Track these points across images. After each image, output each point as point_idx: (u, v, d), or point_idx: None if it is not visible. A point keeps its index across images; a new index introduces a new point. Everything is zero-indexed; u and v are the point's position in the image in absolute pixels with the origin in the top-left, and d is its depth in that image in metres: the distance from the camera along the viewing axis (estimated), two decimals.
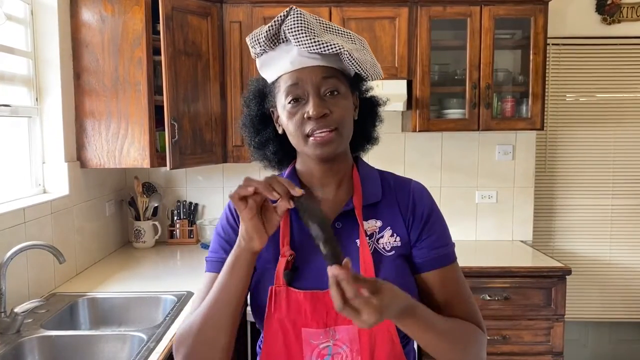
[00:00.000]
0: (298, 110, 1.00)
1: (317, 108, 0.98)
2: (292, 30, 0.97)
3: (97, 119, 2.40)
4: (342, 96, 1.02)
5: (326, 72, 1.00)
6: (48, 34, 2.24)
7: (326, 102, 1.00)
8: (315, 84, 0.99)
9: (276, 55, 1.02)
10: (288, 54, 1.00)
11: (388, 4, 2.60)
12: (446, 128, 2.72)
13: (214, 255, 1.07)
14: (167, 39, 2.32)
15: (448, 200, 3.01)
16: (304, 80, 1.00)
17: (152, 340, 1.60)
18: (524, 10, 2.63)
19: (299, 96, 1.00)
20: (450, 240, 1.09)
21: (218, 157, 2.65)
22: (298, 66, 1.00)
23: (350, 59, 0.99)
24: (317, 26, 1.00)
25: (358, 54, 1.01)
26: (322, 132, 0.99)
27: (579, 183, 3.13)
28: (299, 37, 0.96)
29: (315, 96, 0.99)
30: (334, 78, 1.01)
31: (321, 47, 0.96)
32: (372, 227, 1.05)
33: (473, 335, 1.03)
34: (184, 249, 2.89)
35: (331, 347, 0.99)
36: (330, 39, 0.99)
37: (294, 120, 1.01)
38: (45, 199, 2.12)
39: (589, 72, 3.08)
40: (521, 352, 2.52)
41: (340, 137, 1.01)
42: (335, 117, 1.00)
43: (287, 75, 1.01)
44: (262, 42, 1.01)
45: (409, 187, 1.10)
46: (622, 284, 3.17)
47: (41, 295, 2.02)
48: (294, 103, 1.01)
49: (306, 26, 0.97)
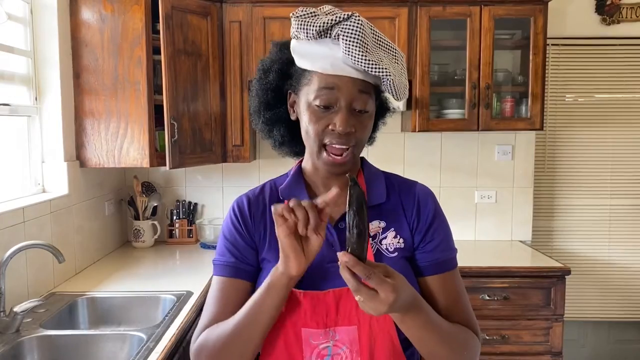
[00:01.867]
0: (324, 117, 0.98)
1: (345, 125, 0.96)
2: (347, 37, 0.93)
3: (97, 119, 2.40)
4: (369, 115, 1.01)
5: (363, 87, 0.97)
6: (47, 33, 2.24)
7: (354, 118, 0.98)
8: (350, 96, 0.97)
9: (318, 48, 0.97)
10: (331, 52, 0.96)
11: (388, 4, 2.60)
12: (446, 128, 2.72)
13: (221, 259, 1.07)
14: (167, 38, 2.32)
15: (447, 200, 3.01)
16: (340, 88, 0.96)
17: (151, 340, 1.60)
18: (524, 10, 2.63)
19: (330, 103, 0.97)
20: (454, 246, 1.09)
21: (217, 156, 2.65)
22: (338, 72, 0.96)
23: (391, 87, 0.97)
24: (370, 39, 0.96)
25: (399, 79, 0.98)
26: (340, 148, 0.98)
27: (578, 183, 3.14)
28: (351, 48, 0.93)
29: (347, 110, 0.97)
30: (368, 95, 0.99)
31: (370, 66, 0.93)
32: (375, 228, 1.04)
33: (471, 342, 1.03)
34: (184, 249, 2.88)
35: (331, 348, 0.99)
36: (380, 58, 0.95)
37: (317, 126, 0.98)
38: (45, 198, 2.12)
39: (589, 73, 3.08)
40: (520, 352, 2.52)
41: (354, 156, 1.02)
42: (358, 135, 0.99)
43: (324, 75, 0.97)
44: (313, 32, 0.95)
45: (414, 190, 1.09)
46: (621, 284, 3.17)
47: (40, 295, 2.02)
48: (323, 108, 0.98)
49: (362, 39, 0.93)
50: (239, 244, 1.06)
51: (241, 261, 1.06)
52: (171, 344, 1.60)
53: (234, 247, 1.06)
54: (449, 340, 0.97)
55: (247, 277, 1.05)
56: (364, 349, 0.98)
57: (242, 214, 1.08)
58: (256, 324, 0.96)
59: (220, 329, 1.00)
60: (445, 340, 0.97)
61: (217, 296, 1.05)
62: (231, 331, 0.98)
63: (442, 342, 0.96)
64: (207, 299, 1.07)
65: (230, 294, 1.04)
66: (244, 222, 1.07)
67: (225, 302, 1.04)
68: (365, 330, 0.98)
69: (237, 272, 1.05)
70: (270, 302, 0.95)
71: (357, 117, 0.98)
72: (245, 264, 1.06)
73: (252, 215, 1.08)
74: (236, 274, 1.05)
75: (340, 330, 0.98)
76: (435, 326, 0.95)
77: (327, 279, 1.00)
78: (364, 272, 0.81)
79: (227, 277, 1.05)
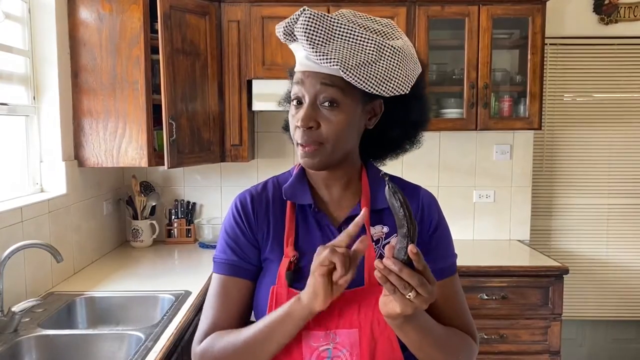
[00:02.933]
0: (297, 112, 0.99)
1: (303, 119, 0.96)
2: (299, 32, 0.94)
3: (95, 118, 2.40)
4: (340, 109, 0.96)
5: (327, 80, 0.95)
6: (46, 33, 2.24)
7: (319, 112, 0.96)
8: (314, 90, 0.96)
9: (296, 47, 1.00)
10: (301, 52, 0.98)
11: (386, 4, 2.61)
12: (444, 127, 2.72)
13: (222, 256, 1.06)
14: (165, 37, 2.31)
15: (446, 200, 3.01)
16: (304, 83, 0.97)
17: (149, 340, 1.60)
18: (522, 10, 2.63)
19: (300, 98, 0.98)
20: (454, 252, 1.10)
21: (216, 156, 2.65)
22: (304, 68, 0.98)
23: (349, 76, 0.92)
24: (326, 32, 0.94)
25: (364, 69, 0.93)
26: (307, 145, 0.97)
27: (576, 182, 3.14)
28: (303, 43, 0.94)
29: (309, 105, 0.96)
30: (334, 88, 0.95)
31: (319, 57, 0.93)
32: (378, 233, 1.04)
33: (466, 345, 1.04)
34: (182, 248, 2.88)
35: (331, 350, 0.98)
36: (334, 49, 0.93)
37: (292, 123, 1.00)
38: (43, 197, 2.12)
39: (587, 72, 3.09)
40: (518, 351, 2.53)
41: (325, 153, 0.98)
42: (323, 131, 0.96)
43: (296, 73, 1.00)
44: (282, 36, 0.99)
45: (418, 196, 1.09)
46: (619, 283, 3.18)
47: (39, 295, 2.02)
48: (297, 104, 0.99)
49: (311, 32, 0.93)
50: (241, 241, 1.05)
51: (243, 259, 1.04)
52: (169, 343, 1.60)
53: (235, 244, 1.05)
54: (443, 344, 0.98)
55: (249, 276, 1.04)
56: (364, 352, 0.97)
57: (245, 210, 1.07)
58: (266, 347, 0.95)
59: (228, 340, 0.99)
60: (439, 344, 0.97)
61: (218, 295, 1.04)
62: (239, 347, 0.97)
63: (437, 346, 0.97)
64: (207, 297, 1.06)
65: (231, 293, 1.03)
66: (246, 219, 1.06)
67: (227, 301, 1.03)
68: (366, 333, 0.97)
69: (238, 271, 1.04)
70: (285, 330, 0.94)
71: (325, 110, 0.96)
72: (247, 263, 1.04)
73: (255, 213, 1.06)
74: (237, 273, 1.04)
75: (341, 332, 0.97)
76: (430, 330, 0.96)
77: None
78: (423, 265, 0.84)
79: (228, 275, 1.04)
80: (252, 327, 0.97)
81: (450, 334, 1.01)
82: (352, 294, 0.98)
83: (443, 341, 0.98)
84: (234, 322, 1.03)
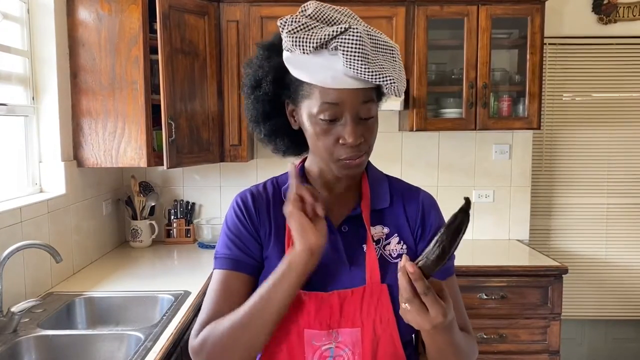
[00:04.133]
0: (331, 130, 0.96)
1: (355, 136, 0.95)
2: (347, 51, 0.90)
3: (94, 118, 2.40)
4: (375, 119, 1.00)
5: (366, 97, 0.96)
6: (45, 33, 2.23)
7: (362, 127, 0.97)
8: (355, 109, 0.95)
9: (315, 60, 0.94)
10: (330, 64, 0.93)
11: (385, 3, 2.61)
12: (443, 127, 2.72)
13: (224, 252, 1.05)
14: (164, 37, 2.31)
15: (445, 200, 2.98)
16: (344, 102, 0.94)
17: (149, 340, 1.60)
18: (521, 9, 2.64)
19: (336, 117, 0.95)
20: (453, 254, 1.10)
21: (215, 156, 2.65)
22: (340, 85, 0.93)
23: (395, 91, 0.94)
24: (369, 46, 0.92)
25: (399, 80, 0.96)
26: (356, 159, 0.98)
27: (575, 182, 3.14)
28: (354, 62, 0.90)
29: (353, 122, 0.95)
30: (372, 102, 0.97)
31: (374, 77, 0.91)
32: (379, 233, 1.04)
33: (474, 348, 1.06)
34: (181, 249, 2.88)
35: (333, 349, 0.98)
36: (381, 66, 0.93)
37: (326, 140, 0.97)
38: (42, 198, 2.12)
39: (586, 72, 3.09)
40: (518, 350, 2.53)
41: (366, 160, 1.02)
42: (368, 142, 0.99)
43: (326, 90, 0.94)
44: (308, 49, 0.92)
45: (418, 198, 1.09)
46: (618, 282, 3.18)
47: (38, 295, 2.02)
48: (329, 122, 0.96)
49: (362, 51, 0.90)
50: (243, 236, 1.04)
51: (245, 254, 1.03)
52: (169, 343, 1.60)
53: (238, 239, 1.04)
54: (462, 350, 0.99)
55: (251, 270, 1.03)
56: (366, 351, 0.97)
57: (247, 206, 1.06)
58: (269, 311, 0.93)
59: (227, 320, 0.96)
60: (459, 350, 0.98)
61: (218, 289, 1.02)
62: (239, 321, 0.94)
63: (457, 352, 0.98)
64: (207, 293, 1.04)
65: (232, 287, 1.01)
66: (248, 215, 1.05)
67: (228, 295, 1.01)
68: (368, 332, 0.98)
69: (240, 265, 1.02)
70: (287, 285, 0.92)
71: (364, 124, 0.97)
72: (249, 257, 1.03)
73: (256, 209, 1.06)
74: (239, 267, 1.02)
75: (344, 332, 0.98)
76: (457, 341, 0.96)
77: (331, 280, 1.00)
78: (423, 289, 0.83)
79: (230, 270, 1.02)
80: (251, 298, 0.96)
81: (466, 340, 1.02)
82: (354, 293, 0.98)
83: (462, 347, 0.99)
84: None
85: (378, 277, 0.99)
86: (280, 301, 0.93)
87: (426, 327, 0.84)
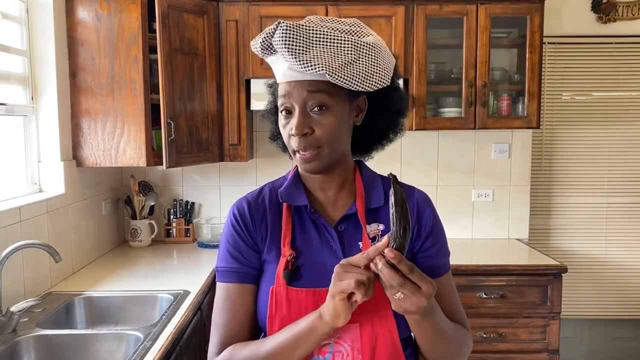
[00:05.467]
0: (288, 122, 1.01)
1: (298, 127, 0.98)
2: (278, 45, 0.96)
3: (93, 118, 2.39)
4: (330, 111, 0.99)
5: (313, 86, 0.98)
6: (44, 32, 2.23)
7: (311, 118, 0.99)
8: (301, 99, 0.98)
9: (275, 60, 1.02)
10: (282, 63, 1.00)
11: (384, 3, 2.61)
12: (443, 126, 2.72)
13: (225, 265, 1.08)
14: (164, 37, 2.31)
15: (444, 199, 3.02)
16: (291, 93, 0.99)
17: (148, 339, 1.60)
18: (520, 9, 2.64)
19: (288, 109, 1.01)
20: (448, 249, 1.13)
21: (214, 155, 2.65)
22: (288, 79, 1.00)
23: (334, 77, 0.95)
24: (304, 40, 0.96)
25: (347, 68, 0.96)
26: (305, 151, 0.99)
27: (575, 181, 3.14)
28: (284, 54, 0.96)
29: (300, 113, 0.98)
30: (321, 93, 0.98)
31: (303, 65, 0.95)
32: (374, 231, 1.06)
33: (469, 341, 1.09)
34: (181, 248, 2.88)
35: (332, 345, 0.99)
36: (316, 55, 0.95)
37: (285, 133, 1.03)
38: (41, 197, 2.12)
39: (585, 71, 3.09)
40: (517, 349, 2.53)
41: (323, 155, 1.01)
42: (318, 135, 0.99)
43: (280, 85, 1.02)
44: (259, 51, 1.01)
45: (413, 196, 1.11)
46: (618, 281, 3.18)
47: (37, 294, 2.02)
48: (286, 114, 1.01)
49: (290, 43, 0.95)
50: (242, 248, 1.07)
51: (245, 265, 1.06)
52: (168, 343, 1.60)
53: (237, 251, 1.07)
54: (452, 339, 1.02)
55: (252, 280, 1.06)
56: (365, 347, 0.98)
57: (243, 217, 1.09)
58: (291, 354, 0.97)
59: (248, 352, 0.99)
60: (449, 339, 1.01)
61: (225, 303, 1.05)
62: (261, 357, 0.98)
63: (448, 342, 1.01)
64: (214, 307, 1.07)
65: (237, 300, 1.05)
66: (244, 225, 1.08)
67: (234, 308, 1.04)
68: (367, 328, 0.99)
69: (242, 277, 1.06)
70: (307, 344, 0.95)
71: (316, 115, 0.99)
72: (250, 268, 1.06)
73: (252, 218, 1.08)
74: (242, 279, 1.06)
75: (342, 327, 0.98)
76: (444, 327, 1.00)
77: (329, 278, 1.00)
78: (408, 268, 0.85)
79: (233, 282, 1.05)
80: (272, 340, 0.98)
81: (456, 329, 1.05)
82: None
83: (452, 336, 1.02)
84: (244, 329, 1.05)
85: None
86: (300, 354, 0.97)
87: (424, 304, 0.87)
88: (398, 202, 0.87)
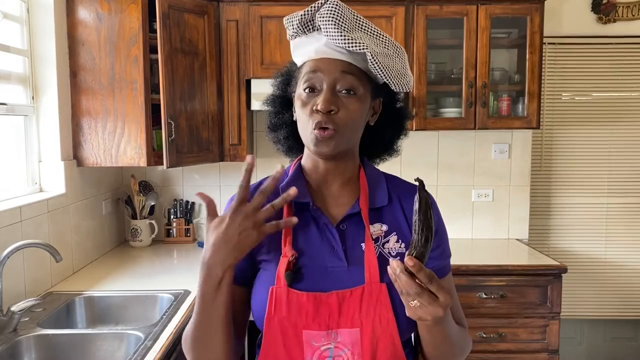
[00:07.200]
0: (311, 100, 0.99)
1: (325, 102, 0.96)
2: (323, 19, 0.95)
3: (94, 118, 2.40)
4: (357, 98, 0.99)
5: (346, 68, 0.98)
6: (44, 32, 2.23)
7: (338, 99, 0.98)
8: (333, 77, 0.98)
9: (307, 41, 1.01)
10: (317, 42, 0.99)
11: (385, 3, 2.61)
12: (443, 127, 2.72)
13: None
14: (164, 37, 2.31)
15: (444, 199, 3.02)
16: (322, 70, 0.98)
17: (149, 339, 1.60)
18: (520, 9, 2.64)
19: (314, 86, 0.99)
20: (450, 251, 1.12)
21: (215, 155, 2.65)
22: (321, 55, 0.99)
23: (374, 62, 0.95)
24: (351, 21, 0.98)
25: (386, 60, 0.98)
26: (325, 129, 0.97)
27: (575, 181, 3.15)
28: (328, 28, 0.95)
29: (328, 90, 0.97)
30: (353, 76, 0.98)
31: (347, 42, 0.94)
32: (377, 231, 1.04)
33: (469, 341, 1.09)
34: (181, 248, 2.88)
35: (332, 350, 0.97)
36: (360, 37, 0.96)
37: (306, 110, 0.99)
38: (42, 197, 2.12)
39: (585, 71, 3.09)
40: (517, 349, 2.53)
41: (340, 139, 0.99)
42: (341, 116, 0.97)
43: (309, 62, 1.01)
44: (296, 26, 1.00)
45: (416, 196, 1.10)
46: (617, 281, 3.18)
47: (38, 294, 2.02)
48: (309, 92, 0.99)
49: (338, 18, 0.95)
50: None
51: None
52: (169, 342, 1.60)
53: None
54: (457, 343, 1.01)
55: (242, 281, 1.04)
56: (366, 351, 0.97)
57: None
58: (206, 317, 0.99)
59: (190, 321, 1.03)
60: (455, 344, 1.01)
61: None
62: (192, 323, 1.01)
63: (453, 346, 1.00)
64: None
65: None
66: None
67: None
68: (367, 332, 0.97)
69: None
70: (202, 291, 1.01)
71: (343, 97, 0.98)
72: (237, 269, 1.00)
73: None
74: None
75: (343, 332, 0.97)
76: (452, 332, 0.99)
77: (330, 280, 0.99)
78: (427, 278, 0.84)
79: None
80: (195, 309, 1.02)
81: (460, 332, 1.05)
82: (353, 293, 0.98)
83: (457, 340, 1.01)
84: None
85: (377, 276, 0.99)
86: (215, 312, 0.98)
87: (441, 314, 0.85)
88: (422, 209, 0.86)
